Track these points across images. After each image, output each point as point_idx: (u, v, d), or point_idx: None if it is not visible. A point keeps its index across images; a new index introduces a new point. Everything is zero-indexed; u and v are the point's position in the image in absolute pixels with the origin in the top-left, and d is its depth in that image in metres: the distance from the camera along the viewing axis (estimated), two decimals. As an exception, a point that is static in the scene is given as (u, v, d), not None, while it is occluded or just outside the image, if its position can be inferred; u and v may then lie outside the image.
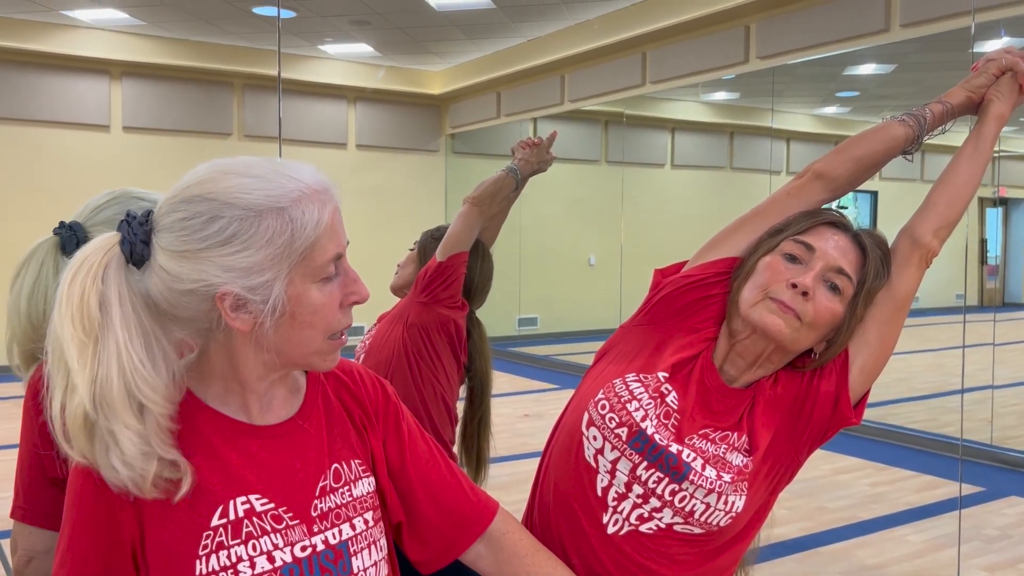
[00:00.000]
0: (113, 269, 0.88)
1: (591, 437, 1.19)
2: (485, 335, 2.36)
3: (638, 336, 1.27)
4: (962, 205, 1.27)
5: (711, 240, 1.31)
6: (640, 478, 1.15)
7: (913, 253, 1.25)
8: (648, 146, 10.09)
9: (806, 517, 4.39)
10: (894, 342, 1.25)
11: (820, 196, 1.29)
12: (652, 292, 1.30)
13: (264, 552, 0.91)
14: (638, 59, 7.74)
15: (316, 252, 0.90)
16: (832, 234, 1.22)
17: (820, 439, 1.23)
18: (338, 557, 0.96)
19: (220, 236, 0.87)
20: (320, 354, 0.95)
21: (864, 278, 1.20)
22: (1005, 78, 1.31)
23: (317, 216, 0.90)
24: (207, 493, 0.91)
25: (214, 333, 0.93)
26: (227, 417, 0.95)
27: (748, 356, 1.21)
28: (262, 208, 0.88)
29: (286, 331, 0.91)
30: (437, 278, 2.17)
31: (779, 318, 1.16)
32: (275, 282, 0.89)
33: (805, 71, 7.14)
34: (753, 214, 1.30)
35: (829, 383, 1.21)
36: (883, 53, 6.65)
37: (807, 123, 8.99)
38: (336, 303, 0.94)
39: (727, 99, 9.62)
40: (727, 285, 1.25)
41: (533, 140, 2.32)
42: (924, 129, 1.30)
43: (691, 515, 1.14)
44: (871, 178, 1.35)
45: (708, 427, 1.18)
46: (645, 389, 1.19)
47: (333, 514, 0.98)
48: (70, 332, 0.84)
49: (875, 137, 1.29)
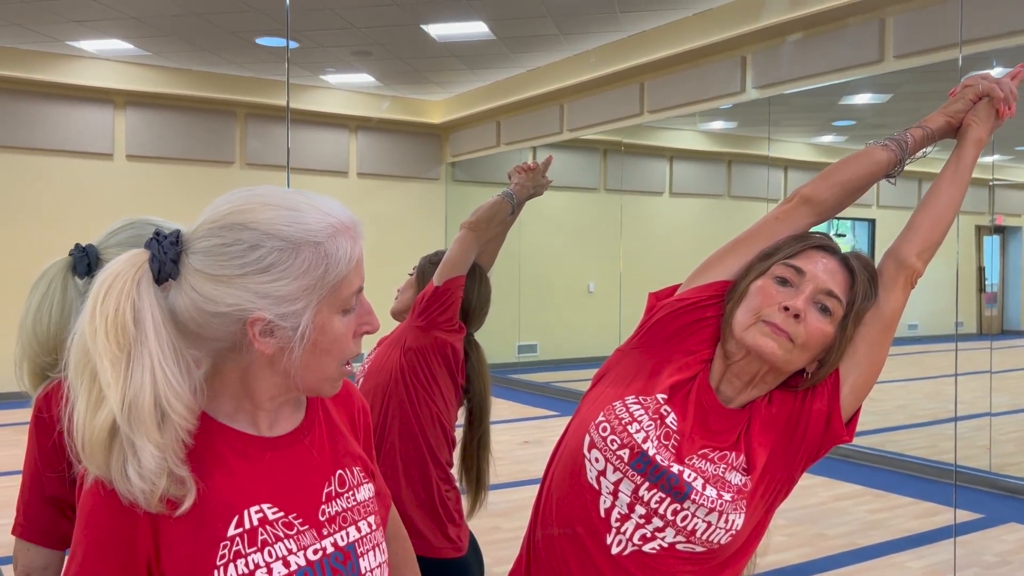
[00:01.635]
0: (145, 284, 0.90)
1: (593, 459, 1.20)
2: (484, 357, 2.37)
3: (635, 359, 1.30)
4: (944, 227, 1.31)
5: (703, 264, 1.34)
6: (643, 499, 1.17)
7: (899, 275, 1.28)
8: (646, 174, 10.16)
9: (806, 543, 4.39)
10: (882, 361, 1.28)
11: (807, 220, 1.32)
12: (647, 315, 1.33)
13: (279, 558, 0.94)
14: (636, 89, 7.83)
15: (344, 285, 0.95)
16: (821, 257, 1.26)
17: (814, 456, 1.26)
18: (347, 558, 1.00)
19: (259, 264, 0.91)
20: (331, 380, 1.00)
21: (853, 299, 1.24)
22: (982, 103, 1.36)
23: (349, 252, 0.95)
24: (221, 504, 0.93)
25: (232, 354, 0.96)
26: (237, 431, 0.98)
27: (743, 377, 1.24)
28: (300, 241, 0.92)
29: (307, 357, 0.96)
30: (434, 302, 2.20)
31: (772, 340, 1.19)
32: (305, 311, 0.93)
33: (801, 100, 7.22)
34: (743, 238, 1.33)
35: (821, 402, 1.24)
36: (878, 83, 6.74)
37: (804, 152, 9.07)
38: (351, 332, 0.99)
39: (724, 128, 9.71)
40: (720, 307, 1.28)
41: (529, 165, 2.34)
42: (906, 153, 1.34)
43: (693, 534, 1.16)
44: (869, 207, 1.40)
45: (707, 447, 1.21)
46: (645, 411, 1.21)
47: (340, 518, 1.02)
48: (104, 346, 0.86)
49: (859, 162, 1.33)
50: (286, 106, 7.01)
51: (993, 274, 9.58)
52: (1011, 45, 5.03)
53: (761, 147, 8.28)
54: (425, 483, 2.19)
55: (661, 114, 7.69)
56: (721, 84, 6.95)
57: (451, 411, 2.29)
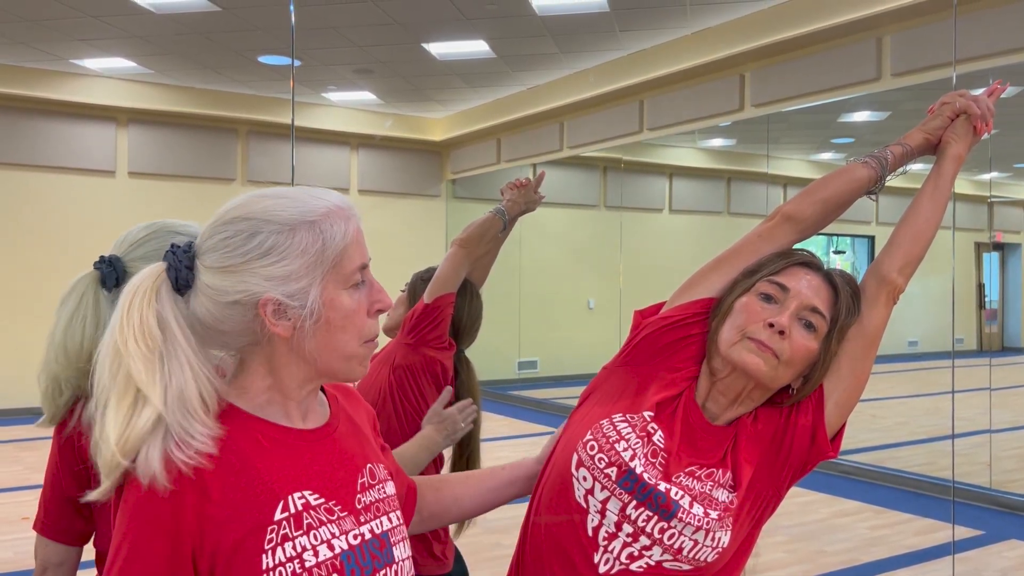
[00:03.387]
0: (165, 293, 0.97)
1: (581, 478, 1.21)
2: (474, 375, 2.36)
3: (621, 377, 1.31)
4: (924, 242, 1.33)
5: (687, 282, 1.36)
6: (630, 517, 1.18)
7: (880, 291, 1.30)
8: (646, 191, 10.20)
9: (806, 560, 4.38)
10: (866, 376, 1.29)
11: (790, 237, 1.34)
12: (632, 333, 1.34)
13: (324, 541, 0.97)
14: (635, 107, 7.88)
15: (345, 260, 1.00)
16: (805, 274, 1.27)
17: (800, 472, 1.27)
18: (383, 545, 1.03)
19: (259, 249, 0.97)
20: (356, 359, 1.03)
21: (837, 315, 1.25)
22: (960, 120, 1.38)
23: (344, 228, 1.00)
24: (266, 491, 0.96)
25: (256, 347, 1.00)
26: (273, 423, 1.01)
27: (729, 394, 1.25)
28: (295, 223, 0.98)
29: (323, 336, 1.00)
30: (423, 320, 2.20)
31: (758, 357, 1.20)
32: (311, 288, 0.98)
33: (800, 118, 7.27)
34: (726, 256, 1.35)
35: (806, 418, 1.25)
36: (876, 101, 6.78)
37: (803, 169, 9.10)
38: (364, 310, 1.03)
39: (723, 145, 9.75)
40: (705, 325, 1.29)
41: (521, 181, 2.34)
42: (886, 170, 1.36)
43: (680, 552, 1.17)
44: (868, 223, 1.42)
45: (694, 465, 1.21)
46: (632, 429, 1.22)
47: (374, 507, 1.06)
48: (135, 349, 0.92)
49: (840, 179, 1.35)
50: (291, 124, 7.04)
51: (993, 291, 9.58)
52: (1007, 63, 5.07)
53: (760, 164, 8.31)
54: None
55: (661, 131, 7.73)
56: (720, 102, 7.00)
57: None
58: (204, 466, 0.92)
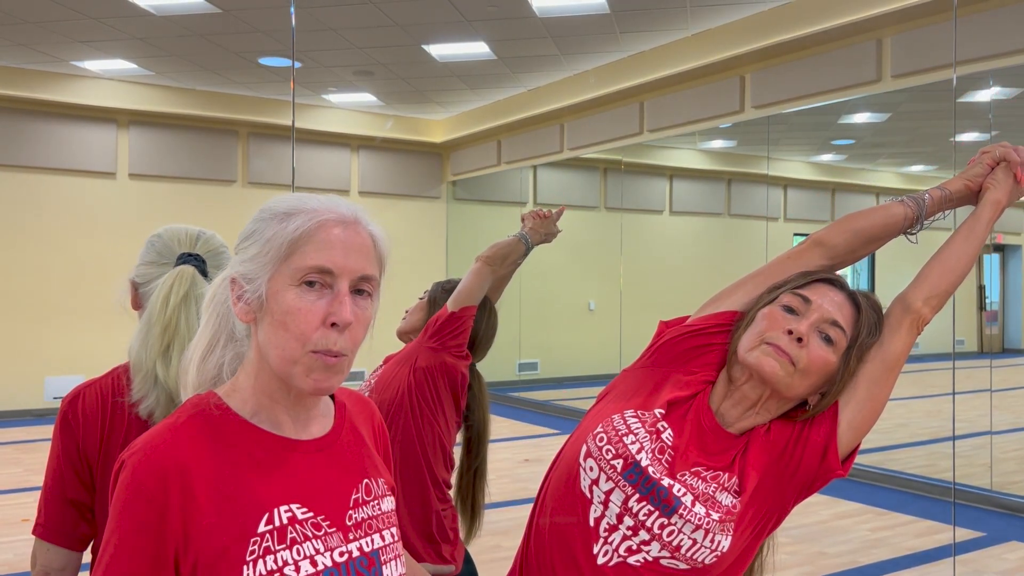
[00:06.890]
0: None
1: (588, 468, 1.24)
2: (485, 387, 2.46)
3: (638, 377, 1.34)
4: (954, 278, 1.35)
5: (714, 297, 1.40)
6: (631, 510, 1.20)
7: (904, 317, 1.32)
8: (646, 193, 10.20)
9: (807, 562, 4.38)
10: (883, 402, 1.30)
11: (819, 262, 1.37)
12: (655, 339, 1.38)
13: (307, 557, 0.96)
14: (636, 108, 7.88)
15: (296, 256, 0.97)
16: (828, 290, 1.30)
17: (808, 489, 1.28)
18: (371, 564, 1.02)
19: (244, 234, 1.03)
20: (300, 365, 0.97)
21: (857, 333, 1.27)
22: (1000, 168, 1.40)
23: (307, 225, 0.98)
24: (252, 501, 0.96)
25: (248, 340, 1.05)
26: (267, 432, 1.01)
27: (745, 402, 1.27)
28: (275, 213, 1.01)
29: (269, 330, 0.98)
30: (447, 326, 2.27)
31: (774, 361, 1.23)
32: (261, 274, 0.99)
33: (800, 120, 7.27)
34: (755, 274, 1.39)
35: (819, 434, 1.27)
36: (877, 102, 6.78)
37: (803, 170, 9.10)
38: (316, 316, 0.96)
39: (724, 147, 9.75)
40: (727, 336, 1.32)
41: (544, 212, 2.46)
42: (924, 210, 1.38)
43: (678, 550, 1.18)
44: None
45: (701, 465, 1.23)
46: (642, 424, 1.24)
47: (366, 524, 1.04)
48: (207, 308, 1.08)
49: (875, 213, 1.38)
50: (291, 125, 7.04)
51: (993, 292, 9.58)
52: (1006, 65, 5.07)
53: (760, 166, 8.31)
54: (422, 501, 2.23)
55: (661, 133, 7.74)
56: (721, 103, 7.00)
57: (451, 433, 2.35)
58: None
